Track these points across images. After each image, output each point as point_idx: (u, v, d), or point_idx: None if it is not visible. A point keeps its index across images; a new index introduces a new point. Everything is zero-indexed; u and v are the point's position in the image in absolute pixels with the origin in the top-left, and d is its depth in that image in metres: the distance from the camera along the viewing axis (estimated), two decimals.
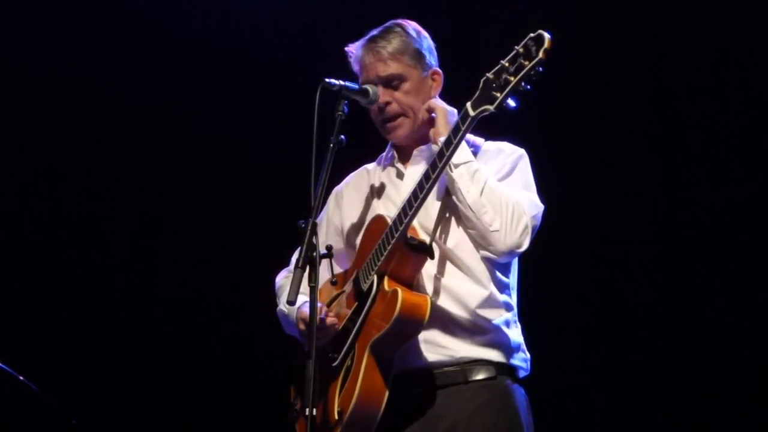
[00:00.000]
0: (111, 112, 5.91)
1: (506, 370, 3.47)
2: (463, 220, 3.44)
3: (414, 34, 3.61)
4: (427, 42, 3.64)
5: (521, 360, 3.52)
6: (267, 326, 4.06)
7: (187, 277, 5.91)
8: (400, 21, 3.64)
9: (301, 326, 3.52)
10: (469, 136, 3.55)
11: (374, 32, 3.62)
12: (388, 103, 3.57)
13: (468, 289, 3.45)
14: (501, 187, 3.43)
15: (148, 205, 5.92)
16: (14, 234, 5.87)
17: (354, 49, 3.64)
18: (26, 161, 5.91)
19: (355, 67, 3.64)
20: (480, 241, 3.42)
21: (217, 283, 5.89)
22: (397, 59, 3.56)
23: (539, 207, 3.48)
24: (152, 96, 5.91)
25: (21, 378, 4.50)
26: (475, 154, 3.51)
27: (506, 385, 3.45)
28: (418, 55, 3.58)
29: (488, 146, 3.61)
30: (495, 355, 3.45)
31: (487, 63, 3.26)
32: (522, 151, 3.59)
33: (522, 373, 3.54)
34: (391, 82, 3.57)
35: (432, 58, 3.63)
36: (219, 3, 5.90)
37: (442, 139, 3.36)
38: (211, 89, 5.91)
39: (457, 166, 3.39)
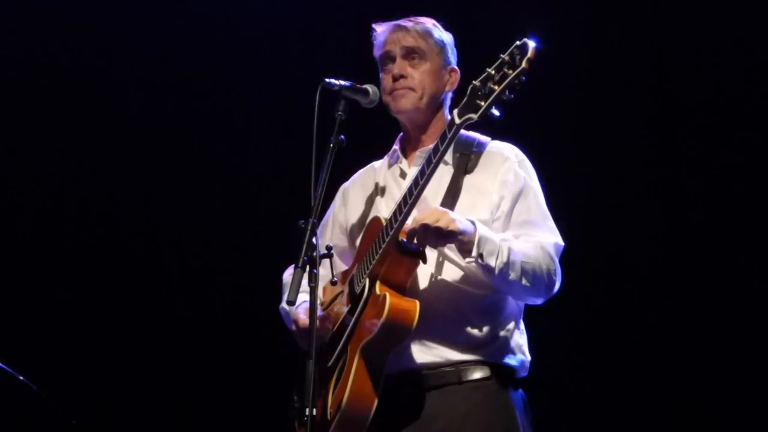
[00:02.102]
0: (111, 111, 5.91)
1: (502, 371, 3.44)
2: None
3: (441, 28, 3.66)
4: (450, 39, 3.67)
5: (518, 362, 3.49)
6: (269, 325, 4.06)
7: (188, 277, 5.91)
8: (424, 17, 3.67)
9: (293, 327, 3.52)
10: (474, 135, 3.57)
11: (404, 18, 3.65)
12: (402, 76, 3.56)
13: (464, 292, 3.43)
14: (533, 254, 3.38)
15: (149, 205, 5.91)
16: (14, 234, 5.87)
17: (380, 26, 3.65)
18: (27, 161, 5.92)
19: (378, 42, 3.64)
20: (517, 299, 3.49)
21: (218, 283, 5.89)
22: (423, 38, 3.59)
23: (561, 246, 3.48)
24: (152, 96, 5.91)
25: (21, 378, 4.50)
26: (479, 154, 3.51)
27: (501, 386, 3.42)
28: (442, 45, 3.62)
29: (492, 147, 3.58)
30: (490, 357, 3.43)
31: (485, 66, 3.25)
32: (530, 167, 3.57)
33: (520, 374, 3.51)
34: (411, 55, 3.57)
35: (452, 56, 3.65)
36: (219, 3, 5.90)
37: (431, 146, 3.37)
38: (211, 89, 5.91)
39: (498, 270, 3.31)
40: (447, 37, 3.66)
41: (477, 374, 3.41)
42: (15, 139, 5.87)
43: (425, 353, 3.41)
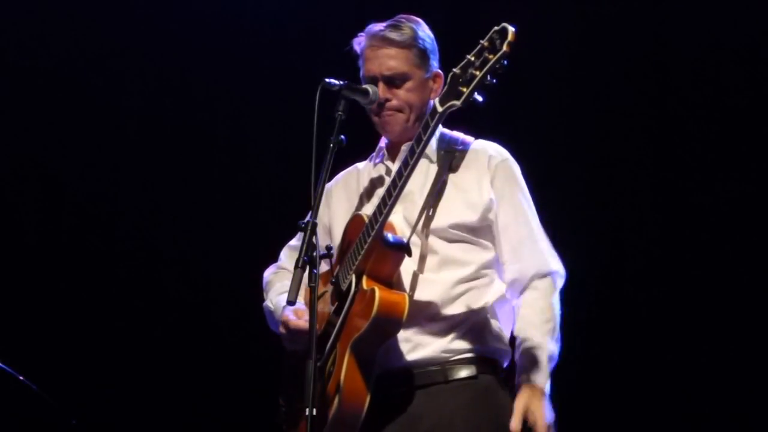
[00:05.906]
0: (111, 112, 5.91)
1: (488, 365, 3.45)
2: (446, 212, 3.46)
3: (421, 33, 3.58)
4: (433, 43, 3.61)
5: (502, 344, 3.49)
6: (266, 327, 4.07)
7: (188, 278, 5.91)
8: (408, 16, 3.61)
9: (282, 330, 3.51)
10: (458, 134, 3.59)
11: (382, 25, 3.58)
12: (388, 100, 3.55)
13: (448, 283, 3.43)
14: (551, 325, 3.44)
15: (149, 205, 5.92)
16: (14, 234, 5.87)
17: (360, 39, 3.60)
18: (27, 161, 5.92)
19: (359, 59, 3.61)
20: None
21: (217, 284, 5.89)
22: (405, 55, 3.54)
23: (563, 277, 3.51)
24: (153, 97, 5.92)
25: (21, 378, 4.50)
26: (463, 152, 3.52)
27: (488, 384, 3.43)
28: (423, 56, 3.56)
29: (477, 146, 3.59)
30: (476, 348, 3.43)
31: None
32: (515, 165, 3.57)
33: (505, 362, 3.50)
34: (393, 80, 3.54)
35: (435, 60, 3.61)
36: (220, 4, 5.90)
37: (410, 144, 3.37)
38: (211, 90, 5.91)
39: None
40: (428, 43, 3.59)
41: (464, 372, 3.42)
42: (14, 140, 5.88)
43: (411, 350, 3.41)
